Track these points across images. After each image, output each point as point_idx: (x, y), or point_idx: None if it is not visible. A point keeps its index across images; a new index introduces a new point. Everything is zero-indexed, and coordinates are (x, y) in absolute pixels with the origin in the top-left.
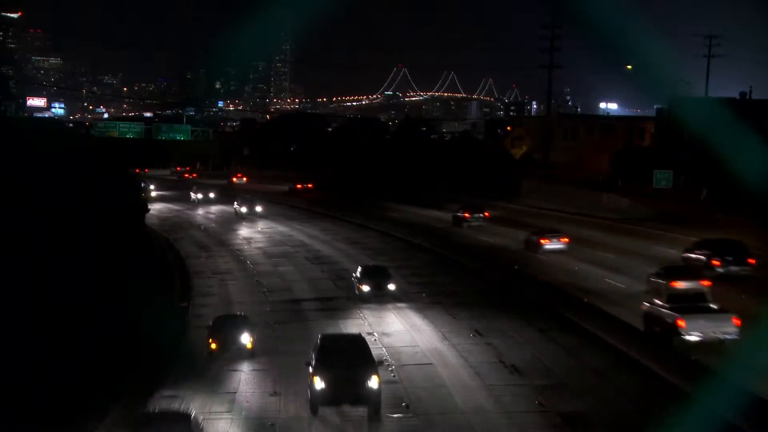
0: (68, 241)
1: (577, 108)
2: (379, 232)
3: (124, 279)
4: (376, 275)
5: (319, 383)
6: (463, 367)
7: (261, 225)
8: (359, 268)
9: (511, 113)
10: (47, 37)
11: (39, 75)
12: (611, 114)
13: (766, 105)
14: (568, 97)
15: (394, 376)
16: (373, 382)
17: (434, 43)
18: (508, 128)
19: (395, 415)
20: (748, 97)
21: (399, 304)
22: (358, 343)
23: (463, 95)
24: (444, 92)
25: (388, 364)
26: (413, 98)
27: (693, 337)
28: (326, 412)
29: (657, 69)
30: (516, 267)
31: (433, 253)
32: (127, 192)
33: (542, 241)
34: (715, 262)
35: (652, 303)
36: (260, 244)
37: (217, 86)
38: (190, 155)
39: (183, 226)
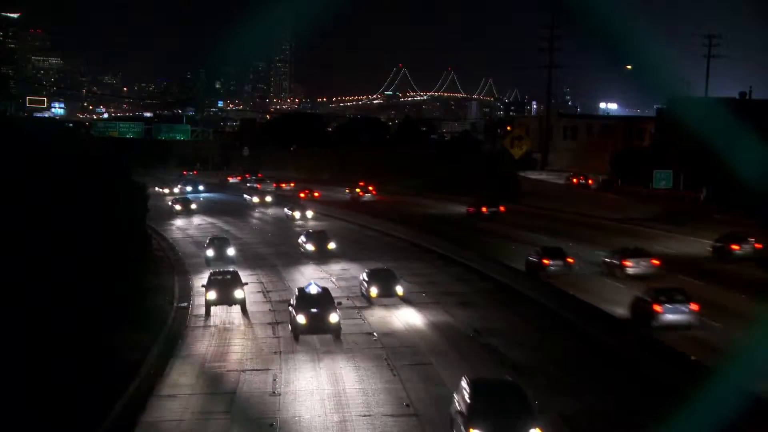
0: (68, 241)
1: (577, 108)
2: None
3: (124, 280)
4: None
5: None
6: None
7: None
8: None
9: (511, 113)
10: (47, 37)
11: (39, 75)
12: (611, 114)
13: (766, 105)
14: (568, 97)
15: (394, 375)
16: None
17: (434, 43)
18: (508, 128)
19: (395, 415)
20: (747, 97)
21: None
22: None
23: (463, 95)
24: (444, 92)
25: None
26: (413, 98)
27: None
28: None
29: (657, 69)
30: None
31: None
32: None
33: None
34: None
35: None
36: None
37: (217, 86)
38: (190, 155)
39: None
